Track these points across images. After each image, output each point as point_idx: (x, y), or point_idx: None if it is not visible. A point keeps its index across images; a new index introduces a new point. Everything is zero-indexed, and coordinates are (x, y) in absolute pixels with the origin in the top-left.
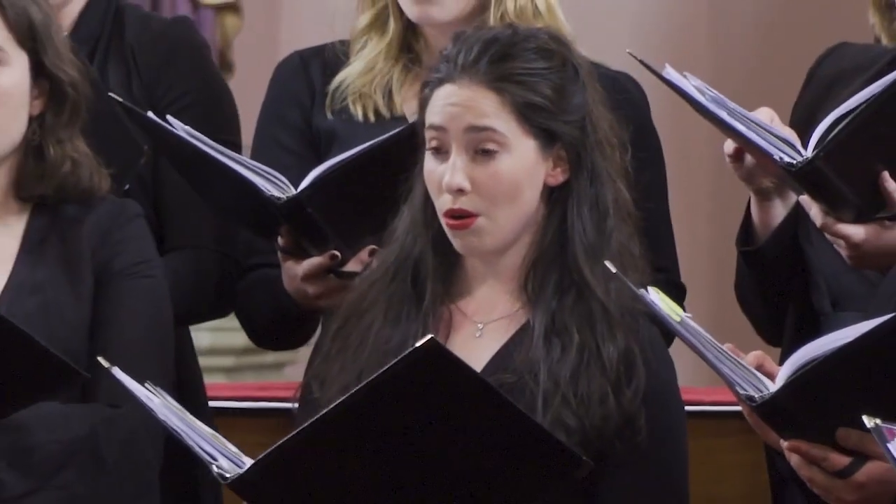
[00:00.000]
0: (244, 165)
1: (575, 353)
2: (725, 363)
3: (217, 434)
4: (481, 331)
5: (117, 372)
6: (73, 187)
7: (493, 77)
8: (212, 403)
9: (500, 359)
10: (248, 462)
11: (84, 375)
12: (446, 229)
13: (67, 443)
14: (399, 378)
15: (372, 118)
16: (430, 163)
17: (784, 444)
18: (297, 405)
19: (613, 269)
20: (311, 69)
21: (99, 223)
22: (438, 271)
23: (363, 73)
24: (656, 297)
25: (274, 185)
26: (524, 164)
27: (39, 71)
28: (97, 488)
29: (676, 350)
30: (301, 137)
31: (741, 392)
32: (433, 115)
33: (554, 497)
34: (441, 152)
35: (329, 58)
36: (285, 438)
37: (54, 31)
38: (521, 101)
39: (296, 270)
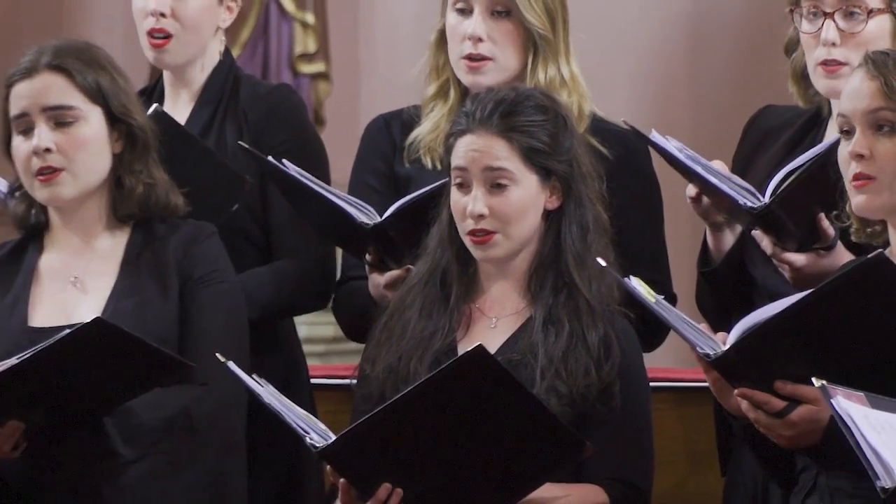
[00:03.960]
0: (340, 198)
1: (566, 337)
2: (689, 331)
3: (310, 415)
4: (495, 324)
5: (232, 366)
6: (154, 205)
7: (503, 128)
8: None
9: (509, 344)
10: (333, 437)
11: (192, 366)
12: (469, 244)
13: (165, 419)
14: (452, 376)
15: (439, 167)
16: (455, 195)
17: (736, 391)
18: (354, 381)
19: (604, 263)
20: (393, 128)
21: (182, 240)
22: (461, 277)
23: (431, 131)
24: (637, 284)
25: (363, 214)
26: (529, 194)
27: (115, 119)
28: (192, 451)
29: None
30: (385, 181)
31: (700, 351)
32: (458, 159)
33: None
34: (464, 187)
35: (406, 119)
36: (361, 420)
37: (121, 88)
38: (525, 146)
39: (379, 280)
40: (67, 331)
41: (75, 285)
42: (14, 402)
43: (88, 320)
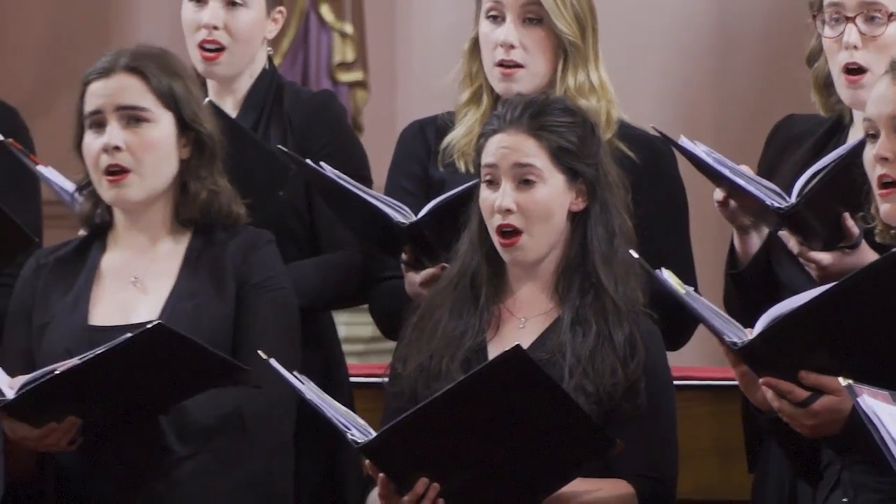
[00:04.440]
0: (377, 199)
1: (593, 338)
2: (718, 321)
3: (350, 411)
4: (524, 324)
5: (273, 363)
6: (216, 212)
7: (532, 127)
8: None
9: (538, 343)
10: (373, 433)
11: (246, 370)
12: (497, 246)
13: (218, 417)
14: (489, 375)
15: (472, 170)
16: (484, 192)
17: (761, 380)
18: (386, 379)
19: (636, 255)
20: (427, 133)
21: (241, 246)
22: (491, 279)
23: (464, 135)
24: (667, 275)
25: (399, 214)
26: (555, 192)
27: (184, 125)
28: (242, 451)
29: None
30: (420, 184)
31: (727, 340)
32: (488, 156)
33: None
34: (493, 184)
35: (440, 124)
36: (400, 418)
37: (193, 96)
38: (554, 145)
39: (415, 278)
40: (129, 334)
41: (135, 285)
42: (73, 400)
43: (150, 325)
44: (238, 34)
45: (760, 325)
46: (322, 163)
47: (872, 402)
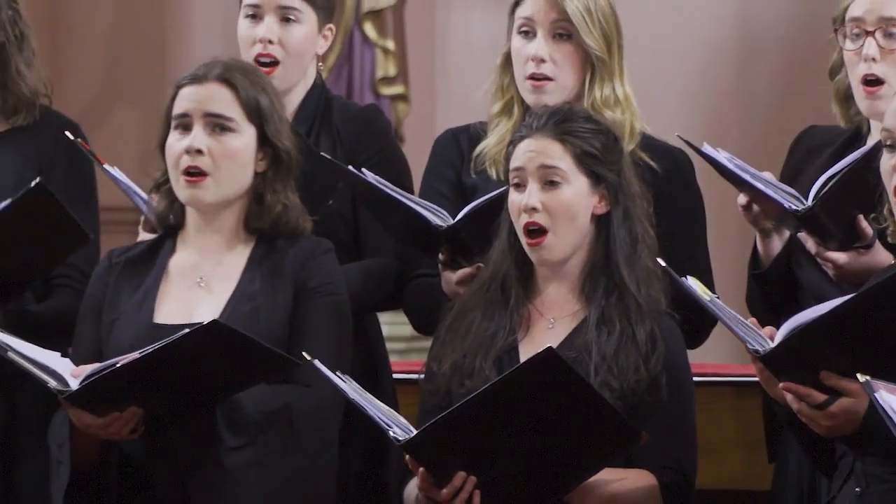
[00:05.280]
0: (415, 203)
1: (617, 336)
2: (741, 328)
3: (391, 409)
4: (553, 324)
5: (318, 363)
6: (284, 224)
7: (558, 132)
8: None
9: (566, 343)
10: (414, 431)
11: (298, 364)
12: (525, 247)
13: (269, 412)
14: (524, 375)
15: (503, 177)
16: (512, 195)
17: (781, 384)
18: (422, 377)
19: (663, 263)
20: (461, 141)
21: (300, 253)
22: (520, 281)
23: (496, 144)
24: (693, 283)
25: (437, 217)
26: (579, 194)
27: (264, 140)
28: (290, 445)
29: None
30: (453, 188)
31: (750, 347)
32: (516, 160)
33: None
34: (520, 187)
35: (472, 133)
36: (439, 417)
37: (277, 113)
38: (578, 149)
39: (452, 278)
40: (187, 330)
41: (200, 286)
42: (134, 391)
43: (207, 321)
44: (292, 48)
45: (781, 333)
46: (363, 168)
47: (890, 398)
